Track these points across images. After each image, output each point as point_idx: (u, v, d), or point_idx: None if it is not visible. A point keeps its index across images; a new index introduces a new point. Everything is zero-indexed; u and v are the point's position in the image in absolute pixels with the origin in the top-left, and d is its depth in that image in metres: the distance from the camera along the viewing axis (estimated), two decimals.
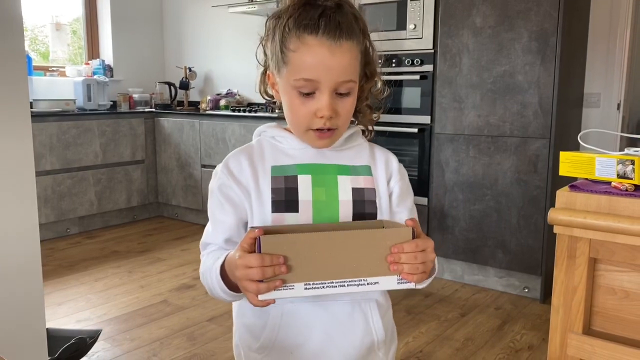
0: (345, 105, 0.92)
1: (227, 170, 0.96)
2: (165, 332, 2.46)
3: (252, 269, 0.75)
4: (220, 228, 0.95)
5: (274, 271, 0.75)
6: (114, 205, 4.25)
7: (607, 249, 1.01)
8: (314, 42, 0.87)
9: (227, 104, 4.42)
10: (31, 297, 1.44)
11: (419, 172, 3.20)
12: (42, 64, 4.59)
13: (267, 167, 0.96)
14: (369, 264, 0.79)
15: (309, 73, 0.87)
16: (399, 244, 0.79)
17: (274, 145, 0.99)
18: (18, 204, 1.38)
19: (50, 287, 2.94)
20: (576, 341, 1.05)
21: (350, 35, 0.89)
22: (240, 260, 0.77)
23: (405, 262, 0.79)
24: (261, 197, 0.93)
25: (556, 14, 2.67)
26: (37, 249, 1.43)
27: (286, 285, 0.76)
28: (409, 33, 3.14)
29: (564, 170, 1.10)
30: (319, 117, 0.90)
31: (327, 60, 0.87)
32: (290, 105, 0.92)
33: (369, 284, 0.79)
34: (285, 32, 0.89)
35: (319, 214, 0.93)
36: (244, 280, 0.77)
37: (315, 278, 0.77)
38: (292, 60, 0.89)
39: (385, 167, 1.02)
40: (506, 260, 2.94)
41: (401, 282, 0.80)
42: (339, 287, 0.78)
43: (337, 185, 0.95)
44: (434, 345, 2.37)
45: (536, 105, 2.77)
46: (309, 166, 0.96)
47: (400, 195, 1.02)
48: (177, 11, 5.00)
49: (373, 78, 1.01)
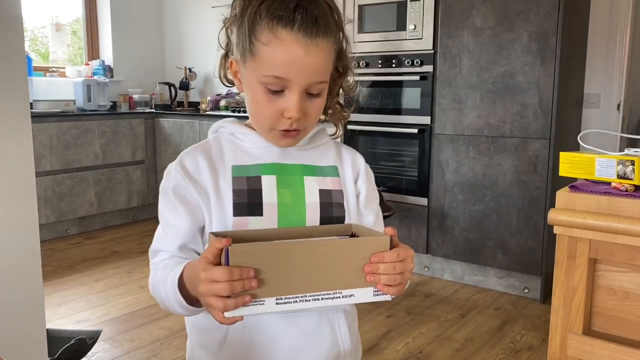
0: (314, 107, 0.85)
1: (182, 169, 0.88)
2: (165, 333, 2.46)
3: (219, 284, 0.67)
4: (173, 233, 0.86)
5: (244, 286, 0.68)
6: (114, 206, 4.25)
7: (607, 250, 1.01)
8: (288, 37, 0.78)
9: (227, 104, 4.42)
10: (31, 298, 1.44)
11: (419, 172, 3.20)
12: (42, 64, 4.59)
13: (227, 166, 0.88)
14: (344, 274, 0.73)
15: (280, 71, 0.79)
16: (379, 253, 0.74)
17: (234, 142, 0.92)
18: (18, 205, 1.38)
19: (50, 288, 2.94)
20: (576, 342, 1.05)
21: (327, 32, 0.81)
22: (204, 274, 0.68)
23: (383, 273, 0.74)
24: (221, 200, 0.85)
25: (556, 14, 2.67)
26: (37, 249, 1.43)
27: (256, 300, 0.69)
28: (409, 34, 3.14)
29: (564, 171, 1.10)
30: (287, 117, 0.82)
31: (301, 59, 0.79)
32: (254, 100, 0.85)
33: (344, 297, 0.74)
34: (256, 20, 0.80)
35: (285, 218, 0.86)
36: (208, 296, 0.69)
37: (288, 292, 0.71)
38: (261, 54, 0.80)
39: (352, 167, 0.95)
40: (506, 261, 2.94)
41: (377, 294, 0.75)
42: (313, 302, 0.73)
43: (304, 187, 0.88)
44: (434, 345, 2.37)
45: (536, 106, 2.77)
46: (273, 166, 0.89)
47: (367, 197, 0.96)
48: (177, 12, 5.00)
49: (346, 73, 0.93)
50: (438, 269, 3.23)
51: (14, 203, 1.37)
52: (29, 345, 1.45)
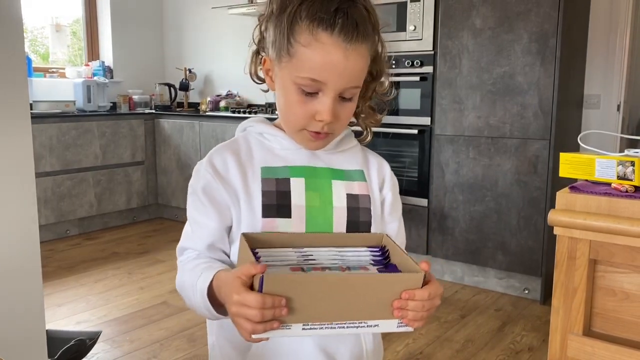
0: (345, 110, 0.86)
1: (212, 168, 0.88)
2: (165, 334, 2.46)
3: (250, 310, 0.68)
4: (202, 233, 0.88)
5: (274, 314, 0.69)
6: (113, 207, 4.25)
7: (607, 250, 1.01)
8: (328, 41, 0.78)
9: (227, 105, 4.42)
10: (31, 299, 1.44)
11: (419, 173, 3.20)
12: (42, 65, 4.59)
13: (256, 167, 0.88)
14: (372, 307, 0.75)
15: (318, 74, 0.80)
16: (410, 290, 0.74)
17: (262, 143, 0.91)
18: (18, 205, 1.38)
19: (50, 289, 2.93)
20: (576, 342, 1.05)
21: (366, 37, 0.82)
22: (237, 297, 0.70)
23: (412, 310, 0.75)
24: (251, 200, 0.86)
25: (556, 15, 2.67)
26: (37, 250, 1.43)
27: (283, 325, 0.71)
28: (409, 34, 3.15)
29: (564, 172, 1.10)
30: (318, 120, 0.83)
31: (340, 64, 0.79)
32: (287, 101, 0.85)
33: (368, 327, 0.76)
34: (296, 20, 0.79)
35: (312, 220, 0.87)
36: (239, 318, 0.70)
37: (315, 319, 0.73)
38: (299, 55, 0.80)
39: (377, 173, 0.97)
40: (506, 262, 2.94)
41: (401, 325, 0.77)
42: (338, 329, 0.75)
43: (332, 191, 0.89)
44: (434, 346, 2.37)
45: (536, 107, 2.77)
46: (302, 169, 0.89)
47: (393, 205, 0.97)
48: (177, 13, 5.01)
49: (380, 77, 0.94)
50: (438, 270, 3.23)
51: (14, 203, 1.37)
52: (29, 346, 1.44)
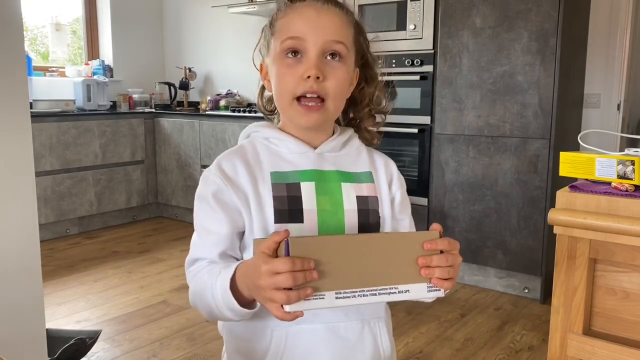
0: (335, 71, 0.86)
1: (221, 173, 0.87)
2: (165, 333, 2.46)
3: (281, 275, 0.67)
4: (213, 240, 0.86)
5: (305, 277, 0.67)
6: (113, 206, 4.25)
7: (607, 250, 1.01)
8: (300, 5, 0.87)
9: (227, 104, 4.42)
10: (31, 298, 1.44)
11: (419, 172, 3.20)
12: (42, 64, 4.59)
13: (265, 172, 0.88)
14: (399, 268, 0.75)
15: (295, 30, 0.85)
16: (431, 240, 0.76)
17: (269, 147, 0.91)
18: (18, 204, 1.38)
19: (49, 288, 2.93)
20: (576, 342, 1.05)
21: (340, 6, 0.89)
22: (266, 266, 0.68)
23: (436, 265, 0.76)
24: (262, 206, 0.86)
25: (556, 14, 2.67)
26: (37, 249, 1.43)
27: (316, 294, 0.69)
28: (409, 33, 3.14)
29: (564, 171, 1.10)
30: (305, 77, 0.84)
31: (313, 17, 0.85)
32: (277, 74, 0.87)
33: (400, 293, 0.75)
34: (274, 11, 0.89)
35: (325, 224, 0.86)
36: (269, 290, 0.68)
37: (346, 286, 0.71)
38: (278, 27, 0.88)
39: (385, 172, 0.98)
40: (506, 261, 2.94)
41: (431, 289, 0.77)
42: (371, 296, 0.73)
43: (342, 194, 0.89)
44: (434, 345, 2.37)
45: (536, 106, 2.77)
46: (311, 173, 0.89)
47: (402, 203, 0.98)
48: (177, 11, 5.00)
49: (374, 82, 0.97)
50: None
51: (14, 203, 1.37)
52: (29, 345, 1.44)
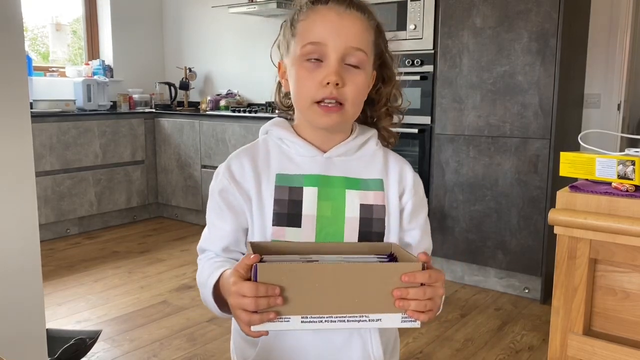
0: (354, 78, 0.86)
1: (229, 173, 0.90)
2: (165, 333, 2.46)
3: (246, 299, 0.69)
4: (218, 235, 0.90)
5: (269, 303, 0.69)
6: (113, 206, 4.25)
7: (608, 250, 1.01)
8: (323, 8, 0.86)
9: (227, 104, 4.42)
10: (31, 298, 1.44)
11: (419, 172, 3.19)
12: (42, 64, 4.59)
13: (271, 174, 0.89)
14: (372, 298, 0.73)
15: (316, 36, 0.85)
16: (410, 272, 0.72)
17: (281, 148, 0.92)
18: (18, 205, 1.38)
19: (50, 288, 2.93)
20: (576, 342, 1.05)
21: (362, 9, 0.88)
22: (234, 287, 0.71)
23: (413, 298, 0.72)
24: (262, 207, 0.88)
25: (556, 14, 2.66)
26: (37, 249, 1.43)
27: (281, 317, 0.71)
28: (409, 33, 3.14)
29: (565, 171, 1.10)
30: (325, 83, 0.84)
31: (335, 23, 0.85)
32: (297, 78, 0.87)
33: (371, 321, 0.73)
34: (296, 11, 0.89)
35: (323, 231, 0.87)
36: (236, 309, 0.72)
37: (314, 311, 0.72)
38: (300, 30, 0.87)
39: (398, 180, 0.94)
40: (506, 261, 2.94)
41: (405, 320, 0.74)
42: (339, 322, 0.72)
43: (345, 201, 0.88)
44: (434, 346, 2.37)
45: (536, 106, 2.77)
46: (316, 178, 0.89)
47: (413, 212, 0.94)
48: (177, 12, 5.00)
49: (391, 82, 0.95)
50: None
51: (14, 203, 1.37)
52: (29, 345, 1.44)
